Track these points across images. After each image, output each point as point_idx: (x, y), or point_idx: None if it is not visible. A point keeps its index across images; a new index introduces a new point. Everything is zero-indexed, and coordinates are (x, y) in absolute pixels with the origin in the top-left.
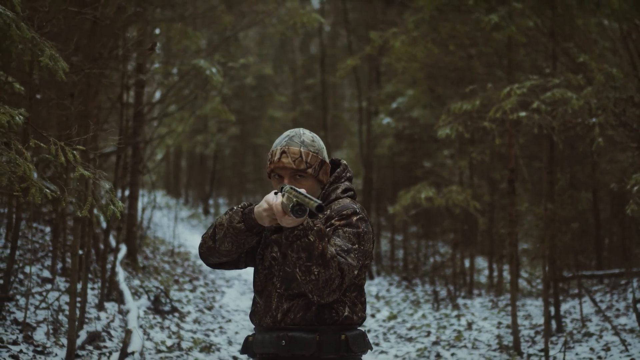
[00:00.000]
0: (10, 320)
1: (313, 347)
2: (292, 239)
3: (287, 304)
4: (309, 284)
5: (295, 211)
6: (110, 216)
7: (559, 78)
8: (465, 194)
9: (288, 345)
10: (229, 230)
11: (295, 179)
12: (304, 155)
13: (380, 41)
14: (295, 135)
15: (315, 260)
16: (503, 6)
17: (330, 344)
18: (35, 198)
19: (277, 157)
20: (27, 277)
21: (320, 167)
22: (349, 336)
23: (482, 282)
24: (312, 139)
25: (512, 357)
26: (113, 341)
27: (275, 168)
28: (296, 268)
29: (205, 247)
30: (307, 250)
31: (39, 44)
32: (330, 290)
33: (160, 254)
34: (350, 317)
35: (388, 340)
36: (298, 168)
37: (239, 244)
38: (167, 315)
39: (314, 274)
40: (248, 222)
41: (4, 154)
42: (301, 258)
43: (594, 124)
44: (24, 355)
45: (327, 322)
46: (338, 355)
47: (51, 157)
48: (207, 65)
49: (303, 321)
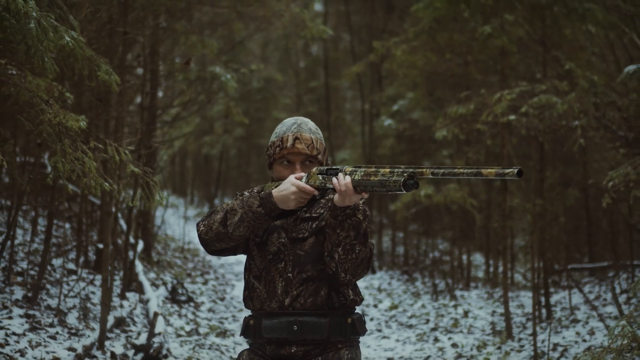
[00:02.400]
0: (44, 306)
1: (325, 332)
2: (343, 217)
3: (297, 289)
4: (348, 262)
5: (409, 185)
6: (156, 206)
7: (546, 84)
8: (462, 191)
9: (300, 330)
10: (247, 215)
11: (305, 165)
12: (315, 142)
13: (382, 50)
14: (303, 123)
15: (360, 239)
16: (496, 18)
17: (339, 327)
18: (96, 191)
19: (290, 143)
20: (55, 269)
21: (324, 153)
22: (354, 319)
23: (480, 276)
24: (316, 127)
25: (503, 340)
26: (137, 326)
27: (287, 154)
28: (339, 247)
29: (212, 233)
30: (356, 229)
31: (95, 60)
32: (363, 268)
33: (171, 250)
34: (355, 299)
35: (390, 327)
36: (311, 154)
37: (254, 229)
38: (184, 304)
39: (356, 252)
40: (267, 206)
41: (73, 154)
42: (349, 236)
43: (576, 126)
44: (60, 336)
45: (335, 306)
46: (345, 338)
47: (107, 155)
48: (222, 72)
49: (313, 306)
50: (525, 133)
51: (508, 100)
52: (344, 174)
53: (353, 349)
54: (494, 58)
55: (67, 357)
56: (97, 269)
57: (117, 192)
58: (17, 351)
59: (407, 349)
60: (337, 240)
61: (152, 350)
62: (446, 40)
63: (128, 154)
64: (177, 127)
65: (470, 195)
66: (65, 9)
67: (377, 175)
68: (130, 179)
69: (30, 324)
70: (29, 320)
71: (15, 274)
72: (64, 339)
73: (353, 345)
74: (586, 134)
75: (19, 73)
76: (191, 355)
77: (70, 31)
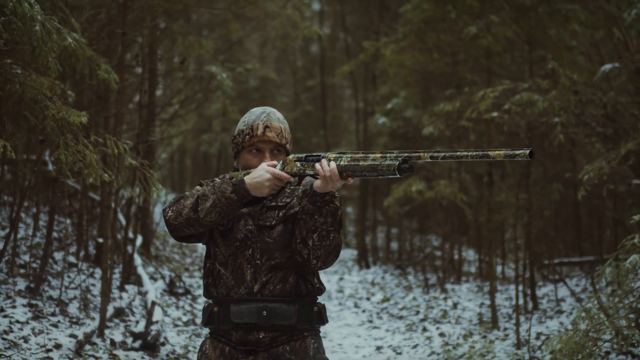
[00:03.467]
0: (46, 297)
1: (294, 318)
2: (322, 203)
3: (265, 276)
4: (321, 249)
5: (404, 170)
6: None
7: (529, 83)
8: (452, 187)
9: (269, 316)
10: (220, 201)
11: (273, 154)
12: (283, 131)
13: (372, 50)
14: (271, 112)
15: (336, 225)
16: (482, 19)
17: (306, 315)
18: (96, 182)
19: (260, 131)
20: (57, 262)
21: (291, 143)
22: (320, 308)
23: (472, 271)
24: (283, 117)
25: (489, 330)
26: (135, 316)
27: (258, 142)
28: (314, 234)
29: (182, 218)
30: (333, 215)
31: (96, 60)
32: (334, 256)
33: (169, 245)
34: (320, 288)
35: (381, 318)
36: (280, 142)
37: (225, 215)
38: (181, 297)
39: (330, 239)
40: (239, 193)
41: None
42: (327, 222)
43: (556, 123)
44: (61, 325)
45: (303, 293)
46: (311, 326)
47: (107, 149)
48: (218, 71)
49: (282, 293)
50: (507, 129)
51: (491, 98)
52: (327, 160)
53: (317, 338)
54: (480, 58)
55: (68, 343)
56: (97, 263)
57: (116, 183)
58: (21, 338)
59: (396, 339)
60: (314, 226)
61: (150, 338)
62: (434, 41)
63: (126, 147)
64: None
65: (460, 191)
66: (67, 12)
67: (367, 160)
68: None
69: (33, 313)
70: (31, 309)
71: (18, 267)
72: (65, 327)
73: (317, 335)
74: (566, 131)
75: (24, 72)
76: (187, 343)
77: (72, 33)
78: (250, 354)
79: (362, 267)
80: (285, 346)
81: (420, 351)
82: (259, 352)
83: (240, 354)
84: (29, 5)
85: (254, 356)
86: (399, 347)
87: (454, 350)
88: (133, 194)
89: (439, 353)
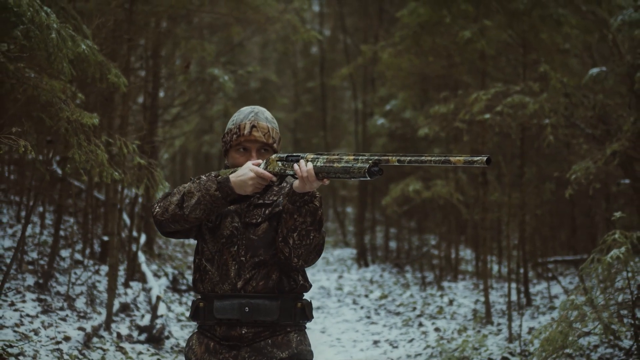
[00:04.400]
0: (54, 292)
1: (275, 314)
2: (301, 203)
3: (249, 272)
4: (301, 248)
5: (373, 172)
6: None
7: (520, 85)
8: (448, 187)
9: (251, 312)
10: (204, 198)
11: (260, 153)
12: (271, 131)
13: (370, 53)
14: (260, 112)
15: (315, 225)
16: (476, 23)
17: (288, 311)
18: (107, 179)
19: (247, 131)
20: (64, 259)
21: (279, 142)
22: (304, 304)
23: (469, 270)
24: (272, 117)
25: (483, 325)
26: (140, 311)
27: (244, 141)
28: (294, 233)
29: (168, 214)
30: (313, 215)
31: (106, 64)
32: (315, 255)
33: (172, 244)
34: (304, 285)
35: (378, 314)
36: (267, 142)
37: (210, 212)
38: (184, 293)
39: (310, 238)
40: (224, 191)
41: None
42: (306, 222)
43: (547, 124)
44: (69, 319)
45: (286, 290)
46: (294, 321)
47: (116, 148)
48: (220, 74)
49: (265, 289)
50: (498, 130)
51: (484, 100)
52: (305, 161)
53: (302, 332)
54: (475, 60)
55: (77, 336)
56: (102, 260)
57: (124, 181)
58: (32, 330)
59: (392, 333)
60: (294, 225)
61: (155, 331)
62: (429, 44)
63: (135, 147)
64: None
65: (457, 191)
66: (79, 19)
67: (341, 162)
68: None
69: (43, 307)
70: (41, 304)
71: (26, 263)
72: (74, 321)
73: (301, 330)
74: (556, 132)
75: (36, 75)
76: None
77: (85, 40)
78: (233, 348)
79: (361, 265)
80: (267, 340)
81: (416, 345)
82: (242, 347)
83: (224, 349)
84: (46, 15)
85: (237, 351)
86: (396, 341)
87: (448, 344)
88: (141, 191)
89: (433, 347)
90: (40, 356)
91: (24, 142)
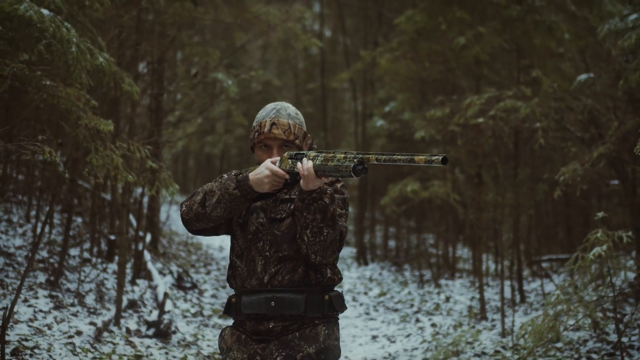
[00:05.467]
0: (64, 289)
1: (301, 307)
2: (310, 201)
3: (275, 267)
4: (317, 245)
5: (358, 171)
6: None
7: (513, 90)
8: (446, 187)
9: (277, 306)
10: (223, 197)
11: (282, 149)
12: (292, 127)
13: (369, 59)
14: (282, 108)
15: (327, 222)
16: (470, 30)
17: (316, 303)
18: (121, 181)
19: (267, 129)
20: (72, 258)
21: (303, 138)
22: (332, 296)
23: (467, 268)
24: (296, 112)
25: (478, 321)
26: (147, 307)
27: (265, 139)
28: (307, 230)
29: (192, 213)
30: (322, 212)
31: (120, 74)
32: (332, 251)
33: (175, 243)
34: (332, 278)
35: (377, 310)
36: (287, 139)
37: (231, 210)
38: (189, 290)
39: (324, 235)
40: (243, 189)
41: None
42: (316, 219)
43: (538, 128)
44: (80, 314)
45: (312, 283)
46: (322, 314)
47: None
48: (224, 78)
49: (290, 283)
50: (492, 134)
51: (478, 105)
52: (307, 159)
53: (330, 325)
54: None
55: (88, 330)
56: (109, 258)
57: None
58: (45, 325)
59: (390, 329)
60: (305, 222)
61: (163, 326)
62: (426, 50)
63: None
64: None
65: (454, 191)
66: (94, 32)
67: (334, 160)
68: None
69: (54, 303)
70: (52, 300)
71: (37, 261)
72: (84, 316)
73: (330, 322)
74: (546, 135)
75: (52, 83)
76: (197, 332)
77: (102, 53)
78: (262, 342)
79: (360, 264)
80: (295, 333)
81: (413, 340)
82: (271, 341)
83: (254, 342)
84: (67, 30)
85: (266, 344)
86: (393, 336)
87: (443, 339)
88: (153, 192)
89: (429, 341)
90: (54, 349)
91: (48, 148)
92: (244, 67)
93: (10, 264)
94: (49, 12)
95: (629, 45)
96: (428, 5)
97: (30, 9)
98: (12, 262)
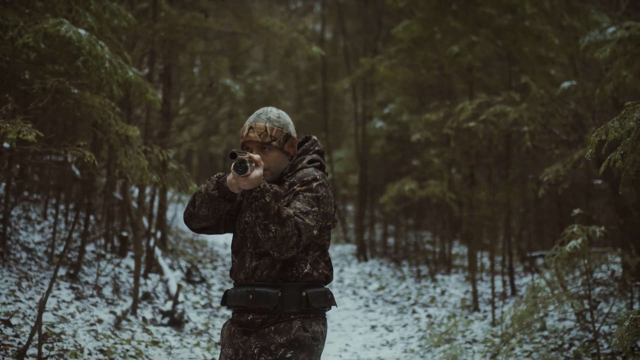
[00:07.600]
0: (83, 282)
1: (275, 301)
2: (251, 200)
3: (255, 262)
4: (268, 241)
5: (235, 168)
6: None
7: (503, 96)
8: (442, 186)
9: (255, 299)
10: (205, 197)
11: (262, 151)
12: (269, 130)
13: (368, 66)
14: (262, 113)
15: (271, 219)
16: (463, 39)
17: (292, 299)
18: (146, 182)
19: (245, 132)
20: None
21: (285, 140)
22: (309, 293)
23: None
24: (278, 116)
25: (471, 312)
26: (160, 299)
27: (244, 142)
28: (256, 227)
29: (187, 213)
30: (263, 210)
31: (144, 85)
32: (288, 247)
33: (182, 241)
34: (310, 273)
35: (376, 303)
36: (263, 141)
37: (214, 210)
38: (198, 284)
39: (272, 232)
40: (221, 190)
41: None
42: (259, 217)
43: (525, 131)
44: (100, 304)
45: (289, 279)
46: (299, 309)
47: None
48: (232, 84)
49: (268, 278)
50: (482, 137)
51: (470, 110)
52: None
53: (308, 320)
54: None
55: (108, 319)
56: (121, 254)
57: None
58: (69, 314)
59: (388, 319)
60: (252, 220)
61: (177, 315)
62: (422, 58)
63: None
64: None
65: (449, 190)
66: (121, 47)
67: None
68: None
69: (75, 294)
70: (73, 291)
71: (56, 256)
72: (103, 306)
73: (309, 317)
74: (533, 138)
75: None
76: (207, 322)
77: (132, 67)
78: (245, 334)
79: (360, 260)
80: (271, 327)
81: (409, 329)
82: (251, 333)
83: (239, 335)
84: (101, 48)
85: (247, 336)
86: (391, 326)
87: (437, 328)
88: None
89: (424, 330)
90: (79, 335)
91: (89, 152)
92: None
93: (32, 257)
94: (85, 32)
95: (604, 57)
96: (424, 15)
97: (70, 30)
98: (33, 257)
